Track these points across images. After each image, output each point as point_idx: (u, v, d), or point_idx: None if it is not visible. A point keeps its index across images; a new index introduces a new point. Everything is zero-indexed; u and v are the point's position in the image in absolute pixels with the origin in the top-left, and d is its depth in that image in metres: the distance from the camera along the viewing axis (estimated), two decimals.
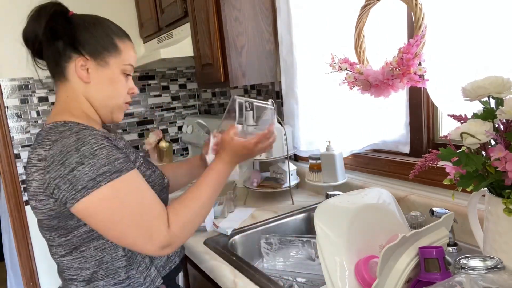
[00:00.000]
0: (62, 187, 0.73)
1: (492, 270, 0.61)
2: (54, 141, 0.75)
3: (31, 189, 0.78)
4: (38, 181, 0.76)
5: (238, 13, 1.53)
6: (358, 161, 1.44)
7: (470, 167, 0.66)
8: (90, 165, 0.73)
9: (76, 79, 0.87)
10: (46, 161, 0.74)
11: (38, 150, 0.77)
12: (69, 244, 0.83)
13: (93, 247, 0.84)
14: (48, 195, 0.76)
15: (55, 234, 0.83)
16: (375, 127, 1.32)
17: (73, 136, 0.75)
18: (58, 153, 0.74)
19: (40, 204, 0.78)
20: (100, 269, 0.85)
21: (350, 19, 1.20)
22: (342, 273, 0.67)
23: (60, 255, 0.85)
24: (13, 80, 2.02)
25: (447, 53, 1.00)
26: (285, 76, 1.60)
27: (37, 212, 0.81)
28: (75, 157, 0.73)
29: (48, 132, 0.79)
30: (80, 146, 0.74)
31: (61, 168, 0.73)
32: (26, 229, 2.08)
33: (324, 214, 0.73)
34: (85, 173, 0.73)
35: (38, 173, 0.75)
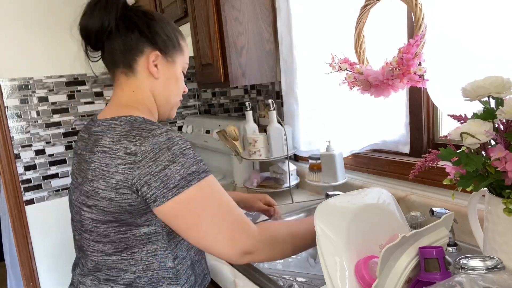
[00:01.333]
0: (152, 184, 0.72)
1: (492, 270, 0.61)
2: (145, 137, 0.74)
3: (111, 181, 0.74)
4: (125, 174, 0.73)
5: (238, 13, 1.53)
6: (358, 161, 1.44)
7: (470, 167, 0.66)
8: (181, 164, 0.73)
9: (145, 73, 0.86)
10: (137, 156, 0.72)
11: (125, 142, 0.74)
12: (124, 243, 0.80)
13: (146, 250, 0.81)
14: (133, 190, 0.74)
15: (113, 229, 0.79)
16: (375, 127, 1.32)
17: (163, 135, 0.74)
18: (150, 150, 0.72)
19: (121, 197, 0.75)
20: (145, 276, 0.82)
21: (350, 19, 1.20)
22: (342, 273, 0.67)
23: (106, 253, 0.81)
24: (13, 80, 2.02)
25: (447, 53, 1.00)
26: (285, 76, 1.60)
27: (112, 204, 0.76)
28: (167, 156, 0.72)
29: (133, 126, 0.76)
30: (171, 145, 0.74)
31: (153, 165, 0.72)
32: (26, 229, 2.09)
33: (324, 214, 0.73)
34: (177, 171, 0.72)
35: (126, 166, 0.73)
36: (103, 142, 0.77)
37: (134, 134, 0.75)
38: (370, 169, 1.39)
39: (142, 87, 0.87)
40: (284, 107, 1.64)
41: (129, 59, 0.85)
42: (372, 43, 1.18)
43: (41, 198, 2.16)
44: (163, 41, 0.87)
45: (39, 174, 2.14)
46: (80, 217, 0.83)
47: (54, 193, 2.21)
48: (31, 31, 2.05)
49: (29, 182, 2.12)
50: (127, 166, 0.73)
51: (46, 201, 2.18)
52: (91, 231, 0.81)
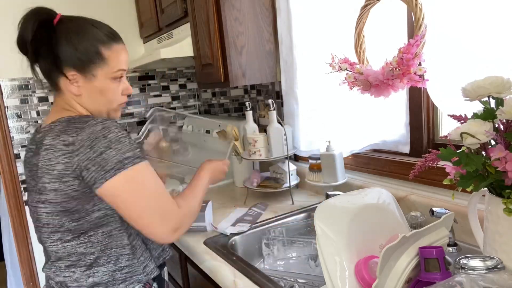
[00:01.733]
0: (91, 168, 0.80)
1: (492, 270, 0.61)
2: (81, 128, 0.81)
3: (54, 172, 0.81)
4: (65, 164, 0.80)
5: (238, 13, 1.53)
6: (358, 161, 1.44)
7: (470, 167, 0.66)
8: (117, 149, 0.81)
9: (68, 92, 0.91)
10: (75, 145, 0.80)
11: (63, 136, 0.81)
12: (79, 229, 0.87)
13: (101, 232, 0.88)
14: (74, 177, 0.81)
15: (66, 219, 0.86)
16: (375, 127, 1.32)
17: (99, 124, 0.82)
18: (86, 139, 0.80)
19: (65, 184, 0.82)
20: (104, 255, 0.89)
21: (350, 19, 1.20)
22: (342, 273, 0.67)
23: (64, 240, 0.88)
24: (13, 80, 2.02)
25: (447, 53, 1.00)
26: (285, 76, 1.60)
27: (58, 194, 0.83)
28: (103, 143, 0.80)
29: (70, 122, 0.84)
30: (107, 133, 0.81)
31: (90, 151, 0.79)
32: (26, 229, 2.08)
33: (324, 214, 0.73)
34: (113, 156, 0.80)
35: (65, 156, 0.80)
36: (45, 141, 0.83)
37: (71, 127, 0.82)
38: (370, 169, 1.39)
39: (71, 102, 0.92)
40: (284, 107, 1.64)
41: (52, 80, 0.91)
42: (372, 43, 1.18)
43: None
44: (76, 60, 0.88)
45: None
46: (37, 215, 0.89)
47: None
48: None
49: None
50: (66, 156, 0.80)
51: None
52: (48, 224, 0.88)
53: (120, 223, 0.91)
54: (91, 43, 0.89)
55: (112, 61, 0.91)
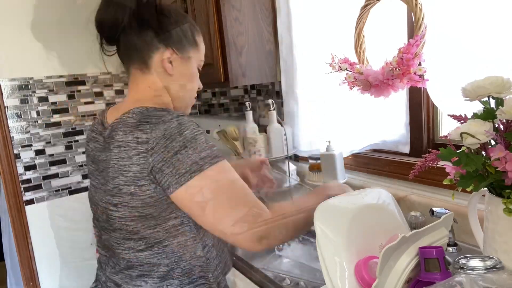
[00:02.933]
0: (165, 171, 0.72)
1: (491, 270, 0.61)
2: (156, 124, 0.73)
3: (129, 174, 0.74)
4: (140, 164, 0.73)
5: (238, 13, 1.53)
6: (358, 161, 1.44)
7: (470, 167, 0.66)
8: (193, 148, 0.72)
9: (160, 70, 0.86)
10: (149, 144, 0.72)
11: (137, 132, 0.73)
12: (154, 237, 0.80)
13: (177, 242, 0.81)
14: (150, 180, 0.74)
15: (142, 225, 0.79)
16: (375, 127, 1.32)
17: (174, 120, 0.74)
18: (161, 136, 0.72)
19: (140, 189, 0.74)
20: (178, 267, 0.82)
21: (350, 19, 1.20)
22: (342, 273, 0.67)
23: (137, 249, 0.81)
24: (13, 80, 2.02)
25: (447, 53, 1.00)
26: (285, 76, 1.60)
27: (134, 199, 0.76)
28: (178, 141, 0.72)
29: (144, 116, 0.76)
30: (182, 130, 0.73)
31: (165, 151, 0.72)
32: (26, 229, 2.08)
33: (324, 215, 0.72)
34: (188, 156, 0.72)
35: (140, 156, 0.72)
36: (117, 137, 0.76)
37: (144, 122, 0.74)
38: (370, 169, 1.39)
39: (157, 83, 0.87)
40: (284, 107, 1.64)
41: (144, 56, 0.85)
42: (372, 43, 1.18)
43: (41, 198, 2.16)
44: (178, 38, 0.86)
45: (39, 174, 2.14)
46: (108, 217, 0.82)
47: (54, 193, 2.20)
48: (31, 31, 2.05)
49: (29, 182, 2.12)
50: (141, 155, 0.72)
51: (46, 201, 2.18)
52: (121, 230, 0.80)
53: (196, 232, 0.83)
54: (189, 26, 0.89)
55: (201, 49, 0.92)
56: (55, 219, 2.19)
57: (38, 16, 2.06)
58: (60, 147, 2.20)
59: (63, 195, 2.23)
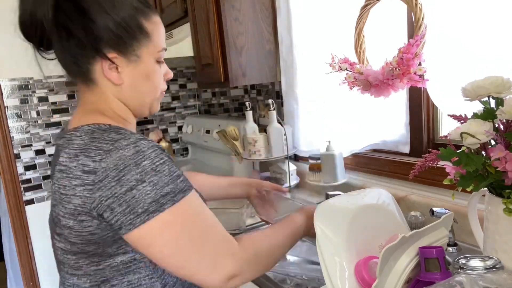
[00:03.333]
0: (116, 209, 0.60)
1: (491, 270, 0.61)
2: (107, 151, 0.61)
3: (69, 206, 0.63)
4: (83, 198, 0.62)
5: (238, 13, 1.53)
6: (358, 161, 1.44)
7: (470, 167, 0.66)
8: (153, 183, 0.61)
9: (105, 81, 0.71)
10: (97, 175, 0.60)
11: (83, 159, 0.62)
12: (99, 275, 0.68)
13: (127, 281, 0.68)
14: (93, 216, 0.62)
15: (84, 261, 0.68)
16: (375, 127, 1.32)
17: (130, 147, 0.61)
18: (113, 167, 0.60)
19: (80, 225, 0.64)
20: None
21: (350, 19, 1.20)
22: (342, 273, 0.67)
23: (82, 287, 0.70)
24: (13, 80, 2.02)
25: (447, 53, 1.00)
26: (285, 76, 1.60)
27: (72, 234, 0.65)
28: (134, 173, 0.60)
29: (94, 137, 0.64)
30: (140, 160, 0.61)
31: (117, 186, 0.60)
32: (26, 229, 2.09)
33: (323, 215, 0.72)
34: (147, 193, 0.60)
35: (84, 188, 0.61)
36: (60, 159, 0.65)
37: (93, 147, 0.62)
38: (370, 169, 1.39)
39: (106, 95, 0.72)
40: (284, 107, 1.64)
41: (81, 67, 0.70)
42: (372, 43, 1.18)
43: (41, 198, 2.16)
44: (116, 38, 0.68)
45: (39, 174, 2.14)
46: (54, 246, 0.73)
47: None
48: None
49: (29, 182, 2.12)
50: (85, 187, 0.61)
51: (46, 201, 2.18)
52: (64, 263, 0.71)
53: (152, 270, 0.70)
54: (130, 13, 0.69)
55: (156, 37, 0.73)
56: None
57: None
58: None
59: None
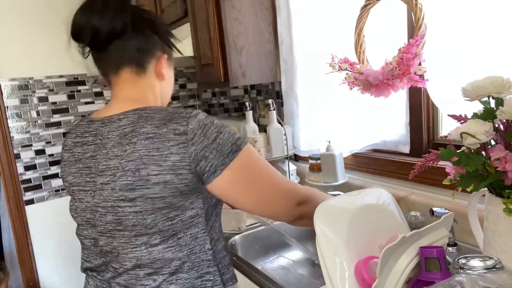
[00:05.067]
0: (209, 156, 0.76)
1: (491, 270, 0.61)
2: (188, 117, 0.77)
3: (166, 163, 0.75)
4: (180, 154, 0.75)
5: (238, 13, 1.53)
6: (358, 161, 1.44)
7: (470, 167, 0.66)
8: (227, 132, 0.78)
9: (154, 74, 0.88)
10: (188, 135, 0.76)
11: (172, 125, 0.77)
12: (171, 230, 0.80)
13: (190, 234, 0.82)
14: (190, 169, 0.76)
15: (161, 217, 0.79)
16: (375, 127, 1.32)
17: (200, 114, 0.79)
18: (198, 127, 0.76)
19: (178, 178, 0.76)
20: (189, 260, 0.83)
21: (350, 19, 1.20)
22: (342, 273, 0.67)
23: (151, 244, 0.80)
24: (13, 80, 2.02)
25: (447, 53, 1.00)
26: (285, 76, 1.60)
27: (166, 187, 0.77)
28: (213, 128, 0.77)
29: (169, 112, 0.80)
30: (212, 120, 0.79)
31: (204, 139, 0.76)
32: (26, 229, 2.09)
33: (323, 215, 0.72)
34: (227, 139, 0.77)
35: (179, 146, 0.76)
36: (143, 129, 0.77)
37: (177, 116, 0.78)
38: (370, 169, 1.39)
39: (153, 87, 0.89)
40: (284, 107, 1.64)
41: (144, 59, 0.86)
42: (372, 43, 1.18)
43: (41, 198, 2.16)
44: (169, 43, 0.90)
45: (39, 174, 2.14)
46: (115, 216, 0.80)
47: (54, 193, 2.21)
48: (31, 30, 2.05)
49: (29, 182, 2.12)
50: (180, 146, 0.75)
51: (46, 201, 2.18)
52: (135, 225, 0.79)
53: (205, 224, 0.84)
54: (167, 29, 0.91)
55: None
56: (55, 219, 2.19)
57: (38, 16, 2.06)
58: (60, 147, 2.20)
59: (63, 195, 2.23)
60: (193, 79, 2.56)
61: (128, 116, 0.81)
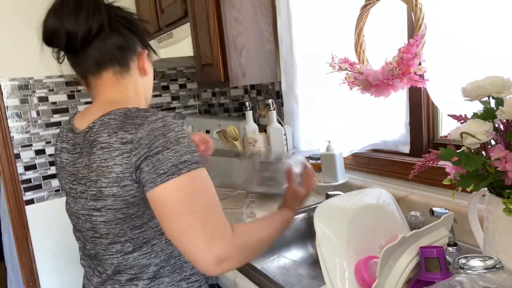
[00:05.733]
0: (144, 169, 0.71)
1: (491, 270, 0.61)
2: (140, 124, 0.73)
3: (112, 175, 0.73)
4: (123, 165, 0.72)
5: (238, 13, 1.53)
6: (358, 161, 1.44)
7: (470, 167, 0.66)
8: (174, 151, 0.71)
9: (137, 71, 0.87)
10: (133, 144, 0.72)
11: (121, 133, 0.73)
12: (142, 237, 0.79)
13: (165, 239, 0.81)
14: (133, 179, 0.73)
15: (127, 227, 0.77)
16: (375, 127, 1.32)
17: (159, 121, 0.74)
18: (145, 137, 0.72)
19: (123, 190, 0.74)
20: (167, 264, 0.82)
21: (350, 19, 1.20)
22: (342, 273, 0.67)
23: (126, 251, 0.79)
24: (13, 80, 2.02)
25: (447, 53, 1.00)
26: (285, 76, 1.60)
27: (116, 200, 0.75)
28: (161, 141, 0.72)
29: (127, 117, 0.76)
30: (166, 131, 0.73)
31: (147, 151, 0.71)
32: (26, 229, 2.08)
33: (323, 215, 0.73)
34: (169, 158, 0.71)
35: (123, 156, 0.72)
36: (100, 139, 0.75)
37: (129, 123, 0.74)
38: (370, 169, 1.39)
39: (136, 84, 0.87)
40: (284, 107, 1.64)
41: (126, 56, 0.84)
42: (372, 43, 1.18)
43: (41, 198, 2.16)
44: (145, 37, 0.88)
45: (39, 174, 2.14)
46: (92, 224, 0.80)
47: (54, 193, 2.21)
48: (31, 30, 2.05)
49: (29, 182, 2.12)
50: (124, 155, 0.72)
51: (46, 201, 2.18)
52: (107, 234, 0.79)
53: None
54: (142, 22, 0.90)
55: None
56: (55, 219, 2.19)
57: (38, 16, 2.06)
58: None
59: (63, 195, 2.22)
60: (193, 79, 2.56)
61: (95, 124, 0.78)
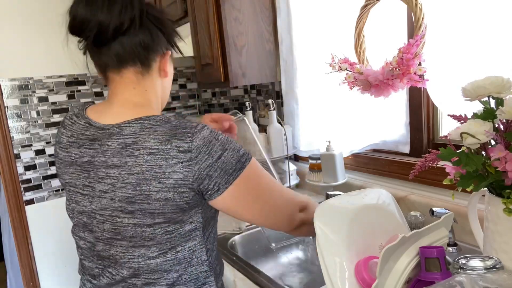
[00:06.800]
0: (213, 175, 0.74)
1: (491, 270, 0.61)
2: (193, 133, 0.75)
3: (169, 181, 0.74)
4: (184, 172, 0.74)
5: (238, 13, 1.53)
6: (358, 161, 1.44)
7: (470, 167, 0.66)
8: (231, 149, 0.76)
9: (157, 72, 0.86)
10: (192, 153, 0.73)
11: (176, 141, 0.74)
12: (169, 243, 0.80)
13: (188, 247, 0.82)
14: (192, 188, 0.75)
15: (160, 231, 0.78)
16: (375, 127, 1.32)
17: (205, 129, 0.76)
18: (202, 145, 0.74)
19: (179, 196, 0.75)
20: (186, 273, 0.83)
21: (350, 19, 1.20)
22: (342, 273, 0.67)
23: (149, 256, 0.79)
24: (13, 80, 2.02)
25: (447, 53, 1.00)
26: (285, 76, 1.60)
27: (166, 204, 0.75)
28: (218, 145, 0.75)
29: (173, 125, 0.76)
30: (216, 135, 0.76)
31: (209, 157, 0.74)
32: (26, 229, 2.09)
33: (323, 215, 0.72)
34: (231, 156, 0.76)
35: (183, 165, 0.73)
36: (147, 144, 0.74)
37: (180, 132, 0.75)
38: (370, 169, 1.39)
39: (155, 86, 0.86)
40: (284, 107, 1.64)
41: (149, 57, 0.83)
42: (372, 43, 1.18)
43: (41, 198, 2.16)
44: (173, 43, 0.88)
45: (39, 174, 2.14)
46: (113, 226, 0.79)
47: (54, 193, 2.21)
48: (31, 30, 2.05)
49: (29, 182, 2.12)
50: (184, 164, 0.73)
51: (46, 201, 2.18)
52: (133, 237, 0.78)
53: (202, 237, 0.83)
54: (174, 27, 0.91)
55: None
56: (55, 219, 2.19)
57: (38, 16, 2.06)
58: None
59: (63, 195, 2.22)
60: (193, 79, 2.56)
61: (131, 126, 0.77)
